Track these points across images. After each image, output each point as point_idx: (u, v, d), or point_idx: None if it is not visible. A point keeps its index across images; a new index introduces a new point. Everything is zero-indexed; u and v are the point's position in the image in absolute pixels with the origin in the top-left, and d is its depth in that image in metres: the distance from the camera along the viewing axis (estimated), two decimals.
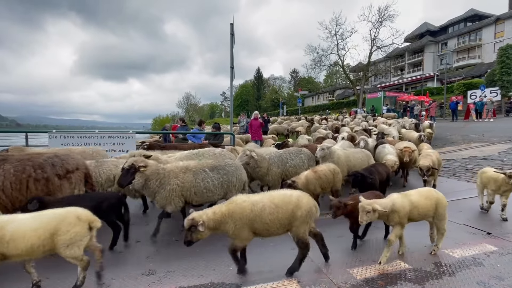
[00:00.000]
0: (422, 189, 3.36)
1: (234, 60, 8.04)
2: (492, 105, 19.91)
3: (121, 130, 8.34)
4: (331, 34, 34.60)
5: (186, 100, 75.80)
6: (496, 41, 37.93)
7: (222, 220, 2.62)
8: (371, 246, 3.45)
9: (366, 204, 2.87)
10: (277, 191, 3.00)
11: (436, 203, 3.13)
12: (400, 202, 3.03)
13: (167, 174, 3.50)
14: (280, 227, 2.76)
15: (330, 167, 4.64)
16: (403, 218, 3.01)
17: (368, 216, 2.87)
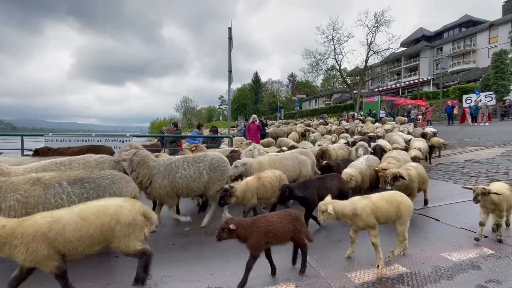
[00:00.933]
0: (385, 192, 3.35)
1: (232, 64, 8.07)
2: (487, 109, 20.17)
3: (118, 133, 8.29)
4: (328, 38, 35.01)
5: (184, 104, 75.98)
6: (490, 46, 38.59)
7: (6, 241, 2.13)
8: (369, 251, 3.43)
9: (322, 204, 2.93)
10: (93, 202, 2.63)
11: (398, 206, 3.08)
12: (361, 205, 3.01)
13: (4, 188, 2.83)
14: (93, 245, 2.40)
15: (276, 174, 4.18)
16: (368, 220, 2.99)
17: (324, 216, 2.91)
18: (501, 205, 3.39)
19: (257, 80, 76.56)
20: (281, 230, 2.71)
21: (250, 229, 2.57)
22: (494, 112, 22.50)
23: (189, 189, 4.09)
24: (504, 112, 22.47)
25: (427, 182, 4.84)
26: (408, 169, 4.42)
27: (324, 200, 3.00)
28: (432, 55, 46.45)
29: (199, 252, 3.33)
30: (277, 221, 2.73)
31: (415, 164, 4.79)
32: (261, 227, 2.62)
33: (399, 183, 3.92)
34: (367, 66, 35.92)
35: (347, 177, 4.62)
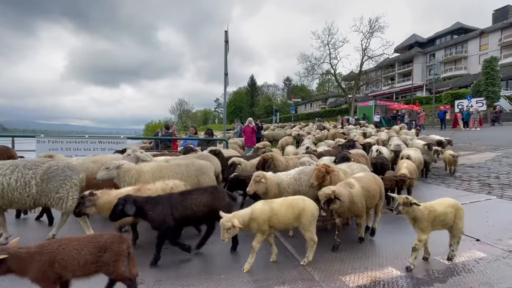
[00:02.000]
0: (290, 197, 3.30)
1: (228, 67, 8.09)
2: (478, 115, 20.56)
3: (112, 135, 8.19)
4: (324, 43, 35.36)
5: (179, 106, 75.64)
6: (481, 53, 39.46)
7: None
8: (364, 253, 3.45)
9: (225, 221, 2.72)
10: None
11: (300, 212, 3.03)
12: (259, 209, 2.98)
13: None
14: None
15: (168, 186, 3.55)
16: (262, 225, 2.94)
17: (229, 233, 2.73)
18: (422, 223, 2.92)
19: (253, 83, 76.83)
20: (74, 262, 2.08)
21: (31, 258, 1.98)
22: (485, 118, 22.94)
23: (7, 200, 3.36)
24: (494, 117, 22.94)
25: (381, 200, 3.91)
26: (350, 184, 3.52)
27: (226, 216, 2.76)
28: (425, 61, 47.30)
29: (194, 256, 3.30)
30: (72, 248, 2.10)
31: (362, 175, 3.88)
32: (45, 255, 2.02)
33: (336, 206, 3.21)
34: (362, 71, 36.35)
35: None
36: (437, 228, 3.04)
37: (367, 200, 3.59)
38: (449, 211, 3.02)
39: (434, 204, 3.09)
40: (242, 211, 3.03)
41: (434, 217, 2.97)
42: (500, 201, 5.51)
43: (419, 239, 2.93)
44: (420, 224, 2.93)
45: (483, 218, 4.58)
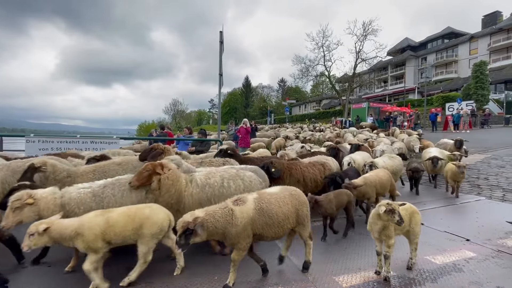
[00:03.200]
0: (135, 206, 2.77)
1: (222, 68, 8.07)
2: (468, 117, 21.01)
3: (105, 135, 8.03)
4: (318, 45, 35.68)
5: (173, 107, 75.04)
6: (471, 57, 40.41)
7: None
8: (357, 254, 3.47)
9: (32, 225, 2.28)
10: None
11: (141, 224, 2.57)
12: (89, 222, 2.45)
13: None
14: None
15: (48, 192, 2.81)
16: (93, 243, 2.42)
17: (32, 240, 2.23)
18: (388, 228, 2.77)
19: (247, 84, 76.89)
20: None
21: None
22: (474, 120, 23.44)
23: None
24: (483, 120, 23.48)
25: (302, 226, 2.88)
26: (240, 201, 2.60)
27: (38, 221, 2.35)
28: (417, 64, 48.16)
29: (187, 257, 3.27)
30: None
31: (275, 190, 2.86)
32: None
33: (198, 239, 2.34)
34: (356, 73, 36.78)
35: None
36: (396, 232, 2.87)
37: (265, 227, 2.58)
38: (404, 214, 2.81)
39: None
40: (68, 220, 2.47)
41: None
42: (489, 202, 5.63)
43: (388, 245, 2.78)
44: (386, 230, 2.78)
45: (473, 219, 4.67)
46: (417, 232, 3.01)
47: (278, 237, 2.76)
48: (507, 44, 37.54)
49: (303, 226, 2.89)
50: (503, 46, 37.91)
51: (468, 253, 3.41)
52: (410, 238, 3.03)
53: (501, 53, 38.41)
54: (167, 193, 2.98)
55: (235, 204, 2.56)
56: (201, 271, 3.05)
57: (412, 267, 3.02)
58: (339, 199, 3.91)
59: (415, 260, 3.07)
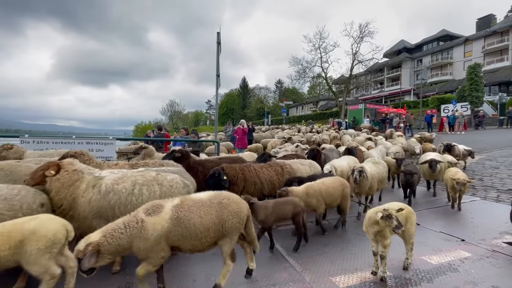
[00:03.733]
0: (14, 220, 2.29)
1: (220, 69, 8.07)
2: (463, 119, 21.25)
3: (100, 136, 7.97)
4: (315, 47, 35.82)
5: (170, 107, 74.72)
6: (465, 60, 40.88)
7: None
8: (354, 254, 3.48)
9: None
10: None
11: (24, 238, 2.12)
12: None
13: None
14: None
15: None
16: None
17: None
18: (385, 230, 2.75)
19: (245, 85, 76.91)
20: None
21: None
22: (469, 122, 23.71)
23: None
24: (478, 122, 23.76)
25: (228, 242, 2.52)
26: (155, 209, 2.32)
27: None
28: (413, 66, 48.60)
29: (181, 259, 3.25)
30: None
31: (204, 196, 2.55)
32: None
33: (101, 263, 2.13)
34: (352, 75, 37.00)
35: None
36: (391, 233, 2.83)
37: (181, 239, 2.30)
38: (399, 215, 2.83)
39: (386, 206, 2.93)
40: None
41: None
42: (484, 203, 5.70)
43: (383, 245, 2.78)
44: (383, 232, 2.77)
45: (468, 219, 4.72)
46: (413, 233, 3.02)
47: (197, 251, 2.44)
48: (501, 47, 38.07)
49: (228, 240, 2.49)
50: (497, 48, 38.44)
51: (463, 253, 3.44)
52: (405, 239, 3.04)
53: (495, 55, 38.93)
54: (57, 197, 2.69)
55: (147, 214, 2.27)
56: (197, 271, 3.03)
57: (408, 267, 3.04)
58: (280, 208, 3.37)
59: (411, 260, 3.08)
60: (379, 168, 5.26)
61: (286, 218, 3.45)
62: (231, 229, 2.48)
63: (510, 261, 3.25)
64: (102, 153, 6.80)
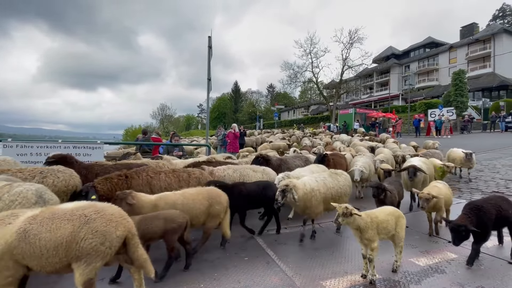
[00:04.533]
0: None
1: (211, 73, 8.06)
2: (449, 123, 21.91)
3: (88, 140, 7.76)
4: (306, 52, 36.40)
5: (161, 111, 73.98)
6: (450, 66, 42.30)
7: None
8: (344, 258, 3.49)
9: None
10: None
11: None
12: None
13: None
14: None
15: None
16: None
17: None
18: (367, 232, 2.77)
19: (237, 89, 77.13)
20: None
21: None
22: (455, 126, 24.44)
23: None
24: (463, 126, 24.52)
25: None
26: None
27: None
28: (401, 72, 49.94)
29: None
30: None
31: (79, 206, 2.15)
32: None
33: None
34: (342, 80, 37.67)
35: None
36: (381, 236, 2.89)
37: (26, 257, 1.93)
38: (390, 219, 2.94)
39: (376, 211, 3.03)
40: None
41: (377, 224, 2.85)
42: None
43: (371, 248, 2.79)
44: (365, 234, 2.79)
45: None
46: (402, 236, 3.04)
47: (51, 272, 2.01)
48: (483, 54, 39.61)
49: (83, 265, 1.96)
50: (480, 56, 39.99)
51: (450, 254, 3.51)
52: (395, 242, 3.06)
53: (478, 62, 40.47)
54: None
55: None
56: (185, 276, 2.98)
57: (397, 270, 3.07)
58: (146, 225, 2.69)
59: (400, 263, 3.11)
60: (337, 181, 4.16)
61: (154, 237, 2.76)
62: (87, 251, 1.95)
63: (495, 261, 3.33)
64: (89, 157, 6.66)
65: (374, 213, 2.95)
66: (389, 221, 2.94)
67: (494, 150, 12.08)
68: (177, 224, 2.84)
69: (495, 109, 26.50)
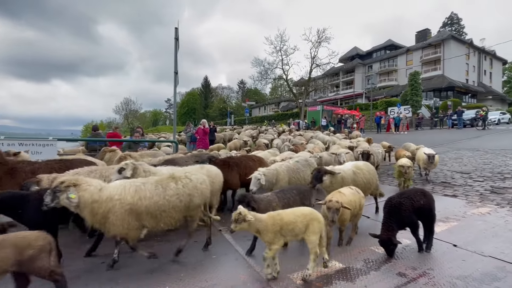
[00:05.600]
0: None
1: (179, 67, 7.75)
2: (406, 120, 23.83)
3: (38, 137, 6.92)
4: (276, 49, 36.79)
5: (125, 106, 69.76)
6: (407, 68, 45.86)
7: None
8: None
9: None
10: None
11: None
12: None
13: None
14: None
15: None
16: None
17: None
18: (266, 235, 2.70)
19: (207, 84, 75.57)
20: None
21: None
22: (411, 123, 26.66)
23: None
24: (418, 123, 26.84)
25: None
26: None
27: None
28: (364, 71, 52.98)
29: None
30: None
31: None
32: None
33: None
34: (311, 78, 38.83)
35: None
36: (288, 238, 2.80)
37: None
38: (299, 221, 2.72)
39: (284, 212, 2.84)
40: None
41: (281, 226, 2.69)
42: None
43: (269, 248, 2.69)
44: (264, 237, 2.68)
45: None
46: (313, 241, 2.74)
47: None
48: (434, 58, 43.61)
49: None
50: (432, 59, 43.96)
51: (405, 240, 3.79)
52: (308, 247, 2.79)
53: (430, 65, 44.47)
54: None
55: None
56: (149, 281, 2.83)
57: (307, 279, 2.77)
58: None
59: (312, 271, 2.79)
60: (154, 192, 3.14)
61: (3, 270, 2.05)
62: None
63: (442, 245, 3.67)
64: (40, 155, 6.03)
65: (280, 214, 2.77)
66: (297, 223, 2.72)
67: (442, 145, 13.38)
68: (37, 248, 2.16)
69: (444, 107, 29.41)
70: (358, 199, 3.59)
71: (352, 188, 3.73)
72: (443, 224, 4.34)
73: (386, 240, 3.26)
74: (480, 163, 8.52)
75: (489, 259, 3.22)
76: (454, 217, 4.66)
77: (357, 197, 3.59)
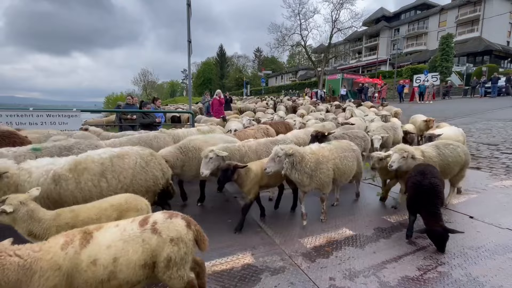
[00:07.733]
0: None
1: (192, 36, 7.52)
2: (432, 89, 22.27)
3: (63, 108, 7.27)
4: (295, 13, 34.45)
5: (143, 77, 70.33)
6: (439, 30, 41.59)
7: None
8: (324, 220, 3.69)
9: None
10: None
11: None
12: None
13: None
14: None
15: None
16: None
17: None
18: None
19: (222, 53, 73.52)
20: None
21: None
22: (438, 92, 24.91)
23: None
24: (445, 91, 25.02)
25: None
26: None
27: None
28: (390, 35, 48.79)
29: None
30: None
31: None
32: None
33: None
34: (331, 44, 36.53)
35: None
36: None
37: None
38: (102, 214, 2.11)
39: (91, 204, 2.21)
40: None
41: (77, 222, 2.02)
42: None
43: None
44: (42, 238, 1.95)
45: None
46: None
47: None
48: (473, 17, 38.97)
49: None
50: (469, 19, 39.33)
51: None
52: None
53: (467, 26, 39.95)
54: None
55: None
56: None
57: None
58: None
59: None
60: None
61: None
62: None
63: (458, 216, 3.62)
64: (66, 126, 6.39)
65: (81, 208, 2.14)
66: (107, 215, 2.09)
67: (470, 115, 12.55)
68: None
69: (477, 74, 26.96)
70: None
71: None
72: (460, 196, 4.25)
73: (442, 232, 2.68)
74: (511, 134, 7.98)
75: (506, 232, 3.17)
76: (474, 189, 4.53)
77: None
